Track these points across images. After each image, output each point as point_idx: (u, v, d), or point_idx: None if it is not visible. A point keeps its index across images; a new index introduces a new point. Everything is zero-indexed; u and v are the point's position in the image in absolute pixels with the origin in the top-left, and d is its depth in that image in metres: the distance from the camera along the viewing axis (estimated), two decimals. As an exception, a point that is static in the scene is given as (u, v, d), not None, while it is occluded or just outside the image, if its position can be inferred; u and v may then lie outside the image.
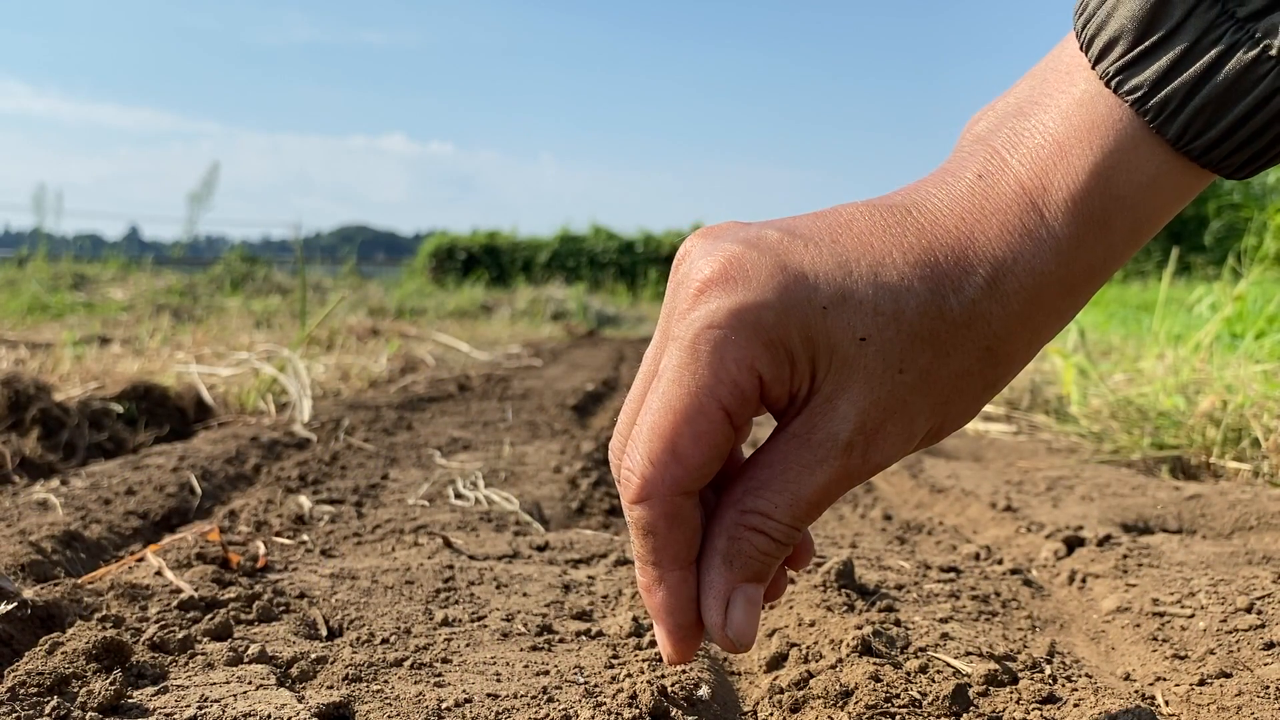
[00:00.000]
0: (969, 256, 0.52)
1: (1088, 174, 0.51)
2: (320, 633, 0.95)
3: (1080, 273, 0.53)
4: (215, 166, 14.38)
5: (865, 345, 0.51)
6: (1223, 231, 9.28)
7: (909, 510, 1.70)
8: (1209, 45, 0.49)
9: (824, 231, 0.53)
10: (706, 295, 0.51)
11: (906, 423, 0.53)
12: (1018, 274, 0.52)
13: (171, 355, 3.44)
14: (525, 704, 0.78)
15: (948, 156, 0.57)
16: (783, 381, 0.52)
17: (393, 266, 20.78)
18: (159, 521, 1.45)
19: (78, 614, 0.95)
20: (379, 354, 4.10)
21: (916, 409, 0.53)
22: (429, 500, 1.60)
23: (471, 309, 9.73)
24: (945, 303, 0.52)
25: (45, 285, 7.68)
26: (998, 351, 0.53)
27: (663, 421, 0.52)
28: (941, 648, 0.91)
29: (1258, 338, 2.77)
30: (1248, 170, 0.52)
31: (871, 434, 0.53)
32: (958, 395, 0.54)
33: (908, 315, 0.51)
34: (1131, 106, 0.51)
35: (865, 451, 0.53)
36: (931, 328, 0.52)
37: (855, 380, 0.52)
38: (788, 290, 0.51)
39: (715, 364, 0.51)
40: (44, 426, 1.96)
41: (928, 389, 0.53)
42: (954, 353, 0.52)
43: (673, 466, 0.52)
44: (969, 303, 0.52)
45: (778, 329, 0.51)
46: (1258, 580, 1.11)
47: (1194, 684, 0.85)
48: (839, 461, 0.53)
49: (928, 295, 0.52)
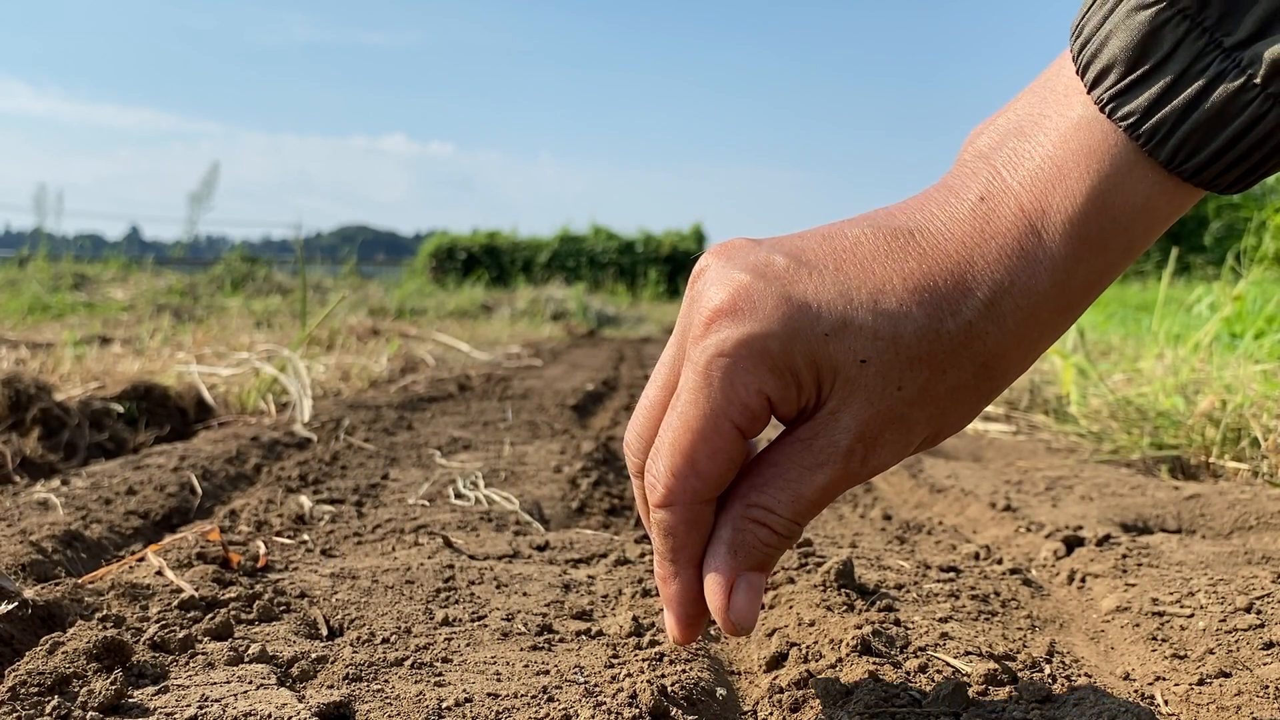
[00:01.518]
0: (967, 280, 0.55)
1: (1084, 197, 0.54)
2: (321, 632, 0.96)
3: (1075, 290, 0.56)
4: (215, 166, 14.40)
5: (866, 366, 0.55)
6: (1222, 231, 9.29)
7: (909, 510, 1.70)
8: (1197, 74, 0.51)
9: (829, 258, 0.57)
10: (717, 324, 0.56)
11: (904, 432, 0.57)
12: (1014, 295, 0.55)
13: (172, 355, 3.44)
14: (525, 703, 0.78)
15: (950, 169, 0.59)
16: (789, 401, 0.57)
17: (393, 266, 20.78)
18: (160, 521, 1.45)
19: (78, 614, 0.95)
20: (379, 354, 4.10)
21: (914, 420, 0.57)
22: (429, 500, 1.60)
23: (472, 309, 9.74)
24: (942, 326, 0.55)
25: (46, 285, 7.68)
26: (993, 367, 0.57)
27: (682, 439, 0.57)
28: (941, 647, 0.91)
29: (1257, 338, 2.77)
30: (1238, 187, 0.54)
31: (870, 442, 0.57)
32: (953, 406, 0.58)
33: (905, 339, 0.55)
34: (1125, 132, 0.53)
35: (864, 457, 0.57)
36: (928, 349, 0.55)
37: (857, 396, 0.56)
38: (792, 320, 0.55)
39: (727, 388, 0.56)
40: (45, 426, 1.96)
41: (925, 403, 0.57)
42: (950, 370, 0.56)
43: (691, 479, 0.58)
44: (965, 324, 0.55)
45: (783, 355, 0.55)
46: (1257, 580, 1.11)
47: (1193, 684, 0.85)
48: (839, 465, 0.57)
49: (925, 320, 0.55)
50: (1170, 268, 3.03)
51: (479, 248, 17.80)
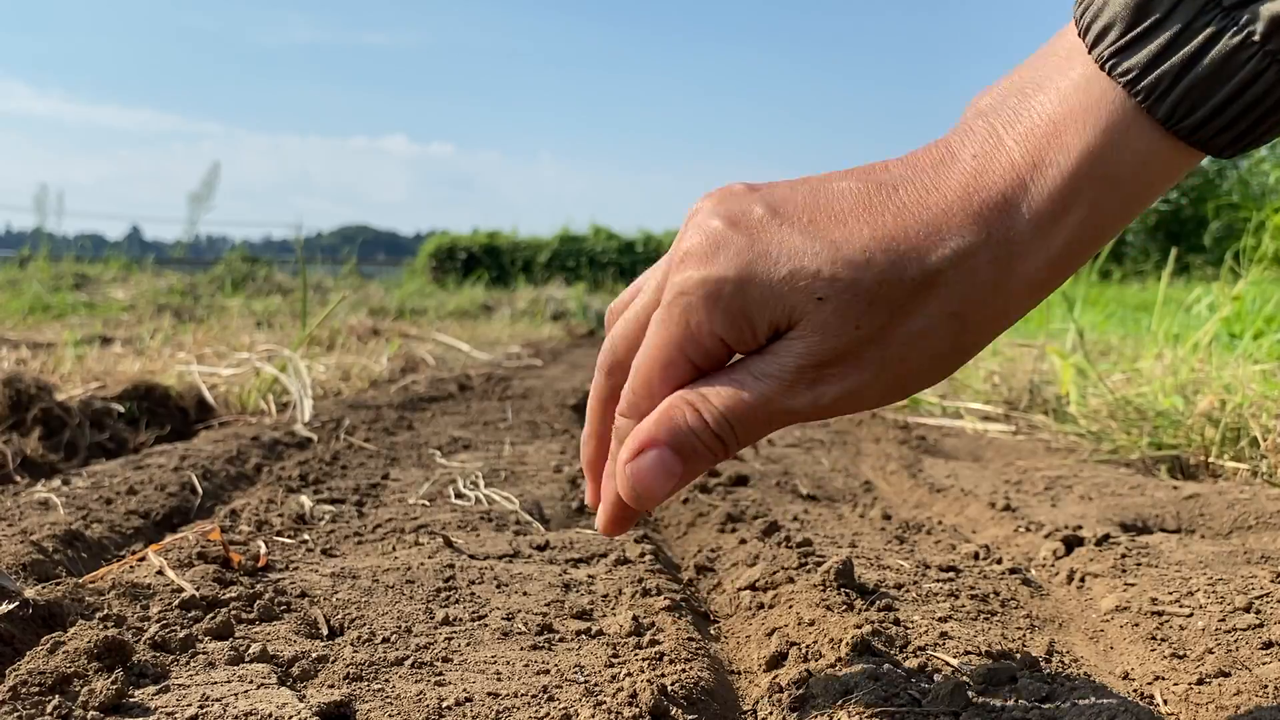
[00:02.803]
0: (941, 231, 0.56)
1: (1080, 152, 0.55)
2: (321, 632, 0.96)
3: (1060, 249, 0.56)
4: (216, 167, 14.38)
5: (823, 304, 0.57)
6: (1221, 232, 9.28)
7: (908, 510, 1.70)
8: (1196, 30, 0.52)
9: (806, 210, 0.59)
10: (684, 265, 0.60)
11: (856, 369, 0.58)
12: (991, 247, 0.56)
13: (173, 355, 3.44)
14: (526, 703, 0.78)
15: (951, 128, 0.60)
16: (744, 341, 0.60)
17: (393, 266, 20.77)
18: (160, 521, 1.46)
19: (79, 613, 0.95)
20: (380, 354, 4.10)
21: (868, 359, 0.58)
22: (430, 500, 1.61)
23: (472, 309, 9.73)
24: (905, 273, 0.56)
25: (47, 285, 7.68)
26: (967, 318, 0.57)
27: (644, 362, 0.62)
28: (940, 646, 0.91)
29: (1256, 338, 2.77)
30: (1234, 149, 0.55)
31: (819, 370, 0.58)
32: (915, 353, 0.58)
33: (865, 283, 0.56)
34: (1124, 88, 0.54)
35: (811, 384, 0.59)
36: (888, 293, 0.56)
37: (813, 329, 0.58)
38: (749, 266, 0.58)
39: (683, 323, 0.60)
40: (45, 426, 1.97)
41: (882, 343, 0.57)
42: (915, 315, 0.57)
43: (645, 401, 0.63)
44: (931, 272, 0.56)
45: (735, 299, 0.58)
46: (1256, 580, 1.11)
47: (1192, 683, 0.85)
48: (785, 383, 0.59)
49: (887, 266, 0.56)
50: (1169, 268, 3.03)
51: (479, 248, 17.79)
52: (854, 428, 2.69)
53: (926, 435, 2.55)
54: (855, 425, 2.72)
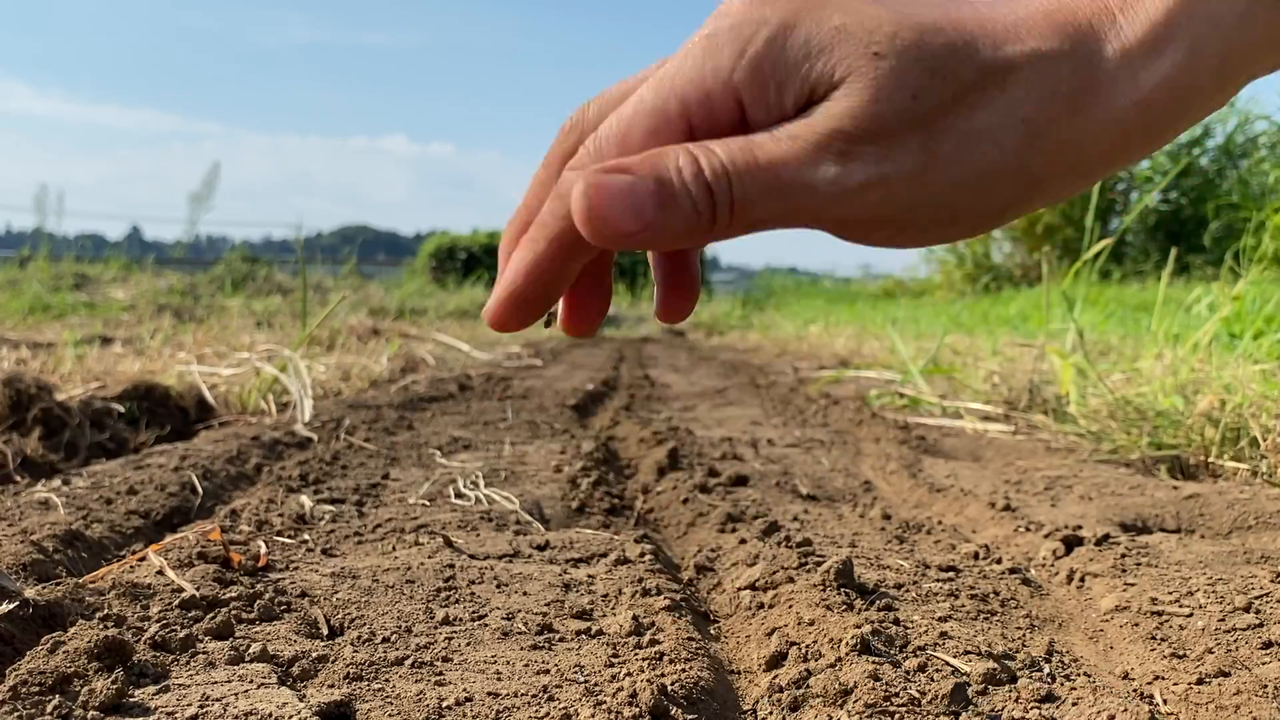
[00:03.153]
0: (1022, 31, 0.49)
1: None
2: (321, 632, 0.96)
3: (1152, 90, 0.49)
4: (216, 167, 14.39)
5: (879, 60, 0.48)
6: (1221, 232, 9.28)
7: (908, 510, 1.70)
8: None
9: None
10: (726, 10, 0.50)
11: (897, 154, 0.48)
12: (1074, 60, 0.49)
13: (173, 355, 3.44)
14: (526, 702, 0.78)
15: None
16: (765, 104, 0.49)
17: (393, 267, 20.79)
18: (160, 521, 1.46)
19: (79, 613, 0.95)
20: (380, 354, 4.10)
21: (914, 146, 0.48)
22: (430, 500, 1.61)
23: (472, 309, 9.74)
24: (977, 52, 0.48)
25: (47, 285, 7.69)
26: (1037, 131, 0.49)
27: (627, 108, 0.50)
28: (940, 646, 0.91)
29: (1256, 338, 2.77)
30: None
31: (855, 142, 0.48)
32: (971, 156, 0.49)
33: (932, 47, 0.48)
34: None
35: (841, 157, 0.48)
36: (955, 69, 0.48)
37: (863, 87, 0.48)
38: (797, 12, 0.49)
39: (697, 65, 0.49)
40: (46, 426, 1.97)
41: (936, 132, 0.48)
42: (979, 109, 0.49)
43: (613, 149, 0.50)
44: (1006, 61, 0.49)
45: (772, 44, 0.48)
46: (1256, 579, 1.11)
47: (1192, 683, 0.85)
48: (811, 145, 0.48)
49: (959, 41, 0.48)
50: (1169, 268, 3.03)
51: (479, 248, 17.80)
52: (854, 428, 2.69)
53: (926, 435, 2.55)
54: (855, 425, 2.72)
